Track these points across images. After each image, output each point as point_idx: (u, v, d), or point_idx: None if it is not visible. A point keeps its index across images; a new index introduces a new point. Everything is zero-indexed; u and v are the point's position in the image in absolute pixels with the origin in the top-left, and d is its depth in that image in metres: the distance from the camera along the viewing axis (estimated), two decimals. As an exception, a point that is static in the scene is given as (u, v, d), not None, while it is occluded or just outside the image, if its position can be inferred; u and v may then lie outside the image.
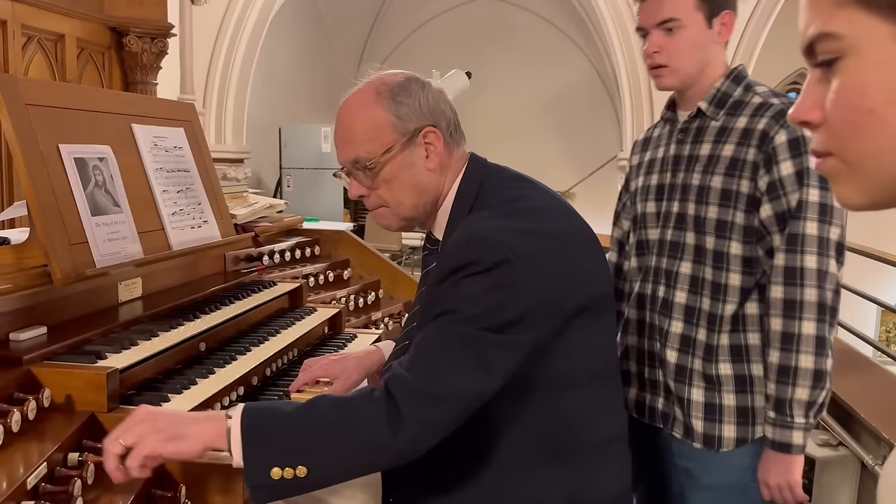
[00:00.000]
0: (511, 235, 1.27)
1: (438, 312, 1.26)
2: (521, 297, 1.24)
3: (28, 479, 1.14)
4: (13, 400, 1.30)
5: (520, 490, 1.33)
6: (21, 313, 1.51)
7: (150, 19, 3.76)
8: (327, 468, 1.18)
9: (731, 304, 1.59)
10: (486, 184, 1.40)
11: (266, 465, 1.14)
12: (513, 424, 1.33)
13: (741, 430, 1.62)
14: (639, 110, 7.29)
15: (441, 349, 1.23)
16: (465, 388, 1.21)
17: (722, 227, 1.59)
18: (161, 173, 1.88)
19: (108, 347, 1.49)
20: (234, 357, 1.72)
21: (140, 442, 1.14)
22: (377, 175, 1.37)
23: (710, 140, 1.63)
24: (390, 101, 1.36)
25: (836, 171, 0.65)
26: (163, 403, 1.42)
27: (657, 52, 1.63)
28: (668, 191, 1.69)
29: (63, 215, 1.53)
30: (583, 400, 1.36)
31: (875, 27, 0.60)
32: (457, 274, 1.26)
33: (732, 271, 1.59)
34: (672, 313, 1.66)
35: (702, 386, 1.62)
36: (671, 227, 1.68)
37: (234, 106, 7.91)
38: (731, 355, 1.61)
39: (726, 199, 1.58)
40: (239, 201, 2.52)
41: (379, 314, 2.75)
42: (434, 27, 10.77)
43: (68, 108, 1.66)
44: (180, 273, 2.03)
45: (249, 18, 7.71)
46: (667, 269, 1.68)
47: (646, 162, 1.79)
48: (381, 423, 1.17)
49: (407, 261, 8.80)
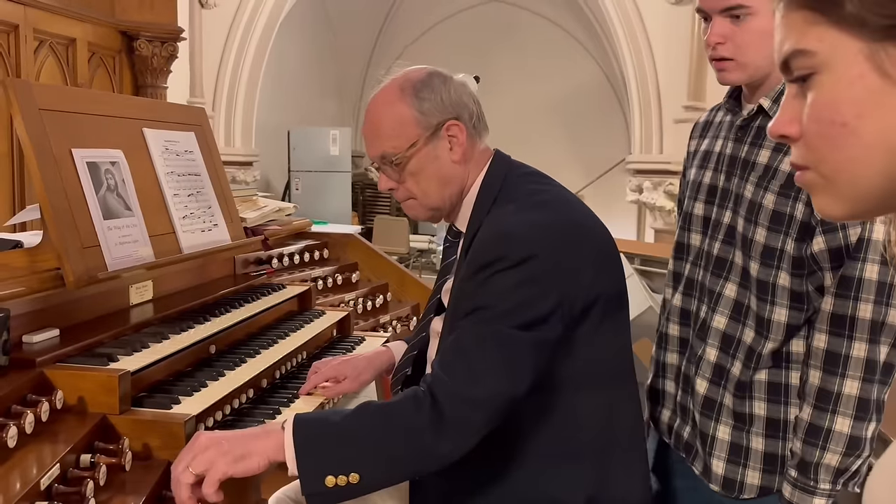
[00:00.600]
0: (537, 230, 1.32)
1: (470, 309, 1.30)
2: (549, 291, 1.28)
3: (41, 479, 1.15)
4: (27, 401, 1.32)
5: (540, 489, 1.36)
6: (34, 316, 1.52)
7: (161, 23, 3.79)
8: (379, 473, 1.22)
9: (772, 342, 1.38)
10: (510, 178, 1.44)
11: (320, 474, 1.17)
12: (534, 424, 1.36)
13: (767, 479, 1.41)
14: (647, 113, 7.27)
15: (477, 351, 1.26)
16: (502, 390, 1.25)
17: (769, 255, 1.36)
18: (172, 177, 1.90)
19: (120, 350, 1.51)
20: (244, 359, 1.73)
21: (212, 468, 1.16)
22: (404, 169, 1.43)
23: (770, 147, 1.40)
24: (413, 97, 1.41)
25: (813, 183, 0.66)
26: (173, 406, 1.43)
27: (721, 42, 1.40)
28: (721, 195, 1.48)
29: (76, 219, 1.55)
30: (602, 399, 1.39)
31: (845, 44, 0.62)
32: (486, 270, 1.30)
33: (778, 305, 1.36)
34: (708, 338, 1.46)
35: (730, 423, 1.43)
36: (719, 239, 1.46)
37: (244, 109, 7.94)
38: (767, 393, 1.40)
39: (778, 223, 1.35)
40: (248, 205, 2.54)
41: (387, 317, 2.76)
42: (442, 30, 10.79)
43: (81, 112, 1.68)
44: (191, 276, 2.05)
45: (259, 22, 7.75)
46: (710, 288, 1.47)
47: (701, 152, 1.57)
48: (426, 428, 1.21)
49: (415, 263, 8.82)
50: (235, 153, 7.71)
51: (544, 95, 10.28)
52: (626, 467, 1.42)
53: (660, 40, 7.10)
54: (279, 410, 1.63)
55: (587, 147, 10.06)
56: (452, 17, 10.78)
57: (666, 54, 7.09)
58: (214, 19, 7.49)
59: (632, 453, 1.44)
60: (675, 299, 1.56)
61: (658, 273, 4.85)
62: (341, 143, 9.17)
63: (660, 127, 7.22)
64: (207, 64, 7.52)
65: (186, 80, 7.12)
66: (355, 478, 1.18)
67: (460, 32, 10.49)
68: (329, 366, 1.70)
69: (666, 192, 7.17)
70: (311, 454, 1.19)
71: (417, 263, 8.83)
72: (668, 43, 7.06)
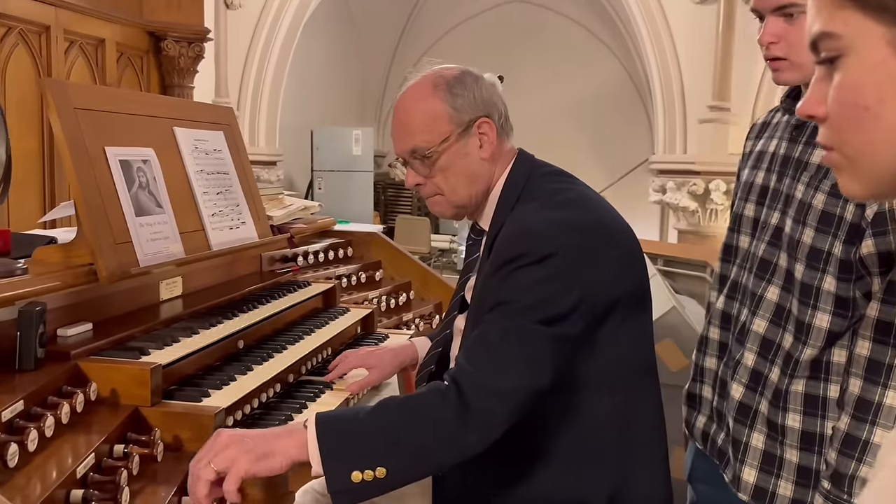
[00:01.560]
0: (559, 228, 1.33)
1: (493, 304, 1.32)
2: (571, 288, 1.29)
3: (77, 468, 1.18)
4: (62, 393, 1.35)
5: (563, 486, 1.37)
6: (68, 310, 1.56)
7: (188, 24, 3.85)
8: (406, 466, 1.21)
9: (812, 348, 1.32)
10: (533, 177, 1.46)
11: (346, 470, 1.17)
12: (557, 422, 1.37)
13: (800, 492, 1.35)
14: (671, 113, 7.24)
15: (501, 344, 1.28)
16: (525, 383, 1.26)
17: (815, 257, 1.31)
18: (201, 175, 1.93)
19: (151, 344, 1.54)
20: (271, 355, 1.76)
21: (234, 465, 1.15)
22: (434, 164, 1.44)
23: None
24: (447, 93, 1.43)
25: (837, 163, 0.68)
26: (203, 399, 1.46)
27: (774, 42, 1.36)
28: (771, 196, 1.44)
29: (109, 215, 1.58)
30: (625, 398, 1.40)
31: (870, 29, 0.63)
32: (509, 265, 1.31)
33: (821, 310, 1.31)
34: (746, 342, 1.41)
35: (764, 432, 1.38)
36: (765, 240, 1.42)
37: (268, 109, 8.02)
38: (803, 406, 1.34)
39: (826, 224, 1.30)
40: (275, 203, 2.57)
41: (410, 315, 2.78)
42: (465, 30, 10.80)
43: (113, 111, 1.72)
44: (219, 272, 2.08)
45: (283, 22, 7.82)
46: (752, 291, 1.42)
47: (756, 152, 1.53)
48: (453, 419, 1.22)
49: (436, 263, 8.83)
50: (259, 153, 7.79)
51: (567, 95, 10.26)
52: (648, 466, 1.43)
53: (684, 40, 7.06)
54: (305, 405, 1.65)
55: (610, 147, 10.02)
56: (475, 17, 10.79)
57: (690, 54, 7.05)
58: (239, 20, 7.58)
59: (654, 452, 1.45)
60: (719, 302, 1.53)
61: (681, 274, 4.82)
62: (364, 142, 9.22)
63: (684, 127, 7.18)
64: (232, 64, 7.60)
65: (212, 80, 7.21)
66: (382, 472, 1.17)
67: (483, 32, 10.49)
68: (356, 355, 1.75)
69: (689, 192, 7.13)
70: (336, 450, 1.18)
71: (439, 263, 8.85)
72: (693, 42, 7.01)
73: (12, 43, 2.98)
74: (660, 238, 7.88)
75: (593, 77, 10.14)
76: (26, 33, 3.05)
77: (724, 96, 6.98)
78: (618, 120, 10.04)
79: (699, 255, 4.93)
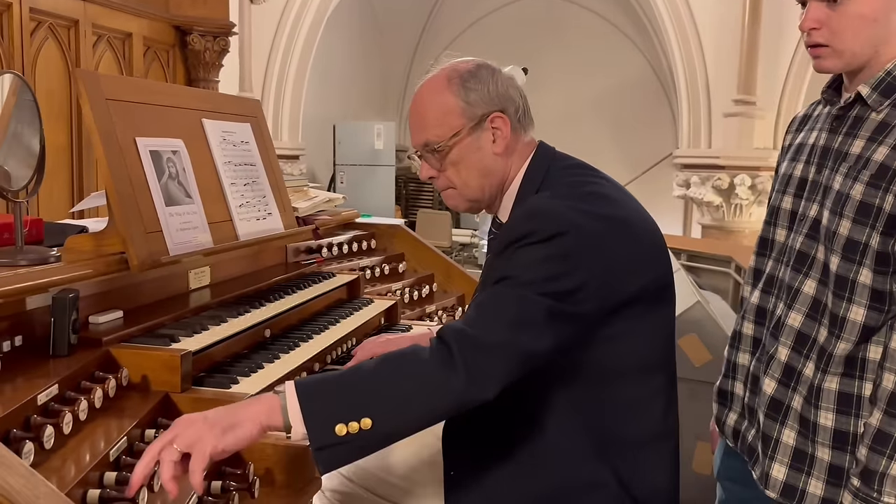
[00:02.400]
0: (569, 210, 1.32)
1: (497, 279, 1.30)
2: (577, 269, 1.27)
3: (110, 451, 1.20)
4: (94, 378, 1.38)
5: (574, 475, 1.37)
6: (99, 297, 1.59)
7: (213, 18, 3.88)
8: (391, 415, 1.18)
9: (846, 342, 1.29)
10: (552, 170, 1.45)
11: (330, 423, 1.13)
12: (568, 412, 1.36)
13: (831, 491, 1.33)
14: (696, 106, 7.18)
15: (497, 307, 1.26)
16: (516, 342, 1.23)
17: (852, 248, 1.28)
18: (229, 166, 1.96)
19: (181, 331, 1.56)
20: (298, 344, 1.77)
21: (198, 442, 1.09)
22: (445, 157, 1.43)
23: (865, 136, 1.31)
24: (460, 87, 1.42)
25: None
26: (232, 385, 1.48)
27: (815, 28, 1.32)
28: (810, 188, 1.40)
29: (139, 205, 1.61)
30: (641, 390, 1.40)
31: None
32: (515, 244, 1.31)
33: (856, 303, 1.28)
34: (781, 336, 1.39)
35: (795, 428, 1.36)
36: (803, 233, 1.39)
37: (291, 103, 8.07)
38: (836, 404, 1.31)
39: (864, 215, 1.27)
40: (300, 195, 2.59)
41: (433, 307, 2.79)
42: (487, 24, 10.78)
43: (144, 103, 1.74)
44: (245, 263, 2.11)
45: (306, 17, 7.86)
46: (788, 284, 1.40)
47: (795, 145, 1.50)
48: (435, 365, 1.20)
49: (457, 257, 8.84)
50: (282, 147, 7.84)
51: (590, 89, 10.21)
52: (660, 457, 1.43)
53: (709, 33, 7.00)
54: (331, 393, 1.67)
55: (633, 141, 9.96)
56: (497, 10, 10.76)
57: (716, 47, 6.98)
58: (263, 15, 7.62)
59: (665, 443, 1.44)
60: (754, 297, 1.50)
61: (705, 269, 4.79)
62: (385, 137, 9.24)
63: (708, 120, 7.12)
64: (256, 58, 7.65)
65: (236, 74, 7.26)
66: (367, 423, 1.14)
67: (505, 27, 10.46)
68: (375, 342, 1.77)
69: (714, 186, 7.07)
70: (318, 405, 1.15)
71: (459, 257, 8.85)
72: (718, 35, 6.95)
73: (42, 37, 3.03)
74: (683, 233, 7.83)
75: (616, 71, 10.08)
76: (56, 27, 3.09)
77: (749, 90, 6.91)
78: (641, 114, 9.98)
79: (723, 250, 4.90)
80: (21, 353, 1.36)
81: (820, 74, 1.40)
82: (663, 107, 9.76)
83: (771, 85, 6.85)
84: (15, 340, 1.36)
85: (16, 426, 1.14)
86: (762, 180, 6.94)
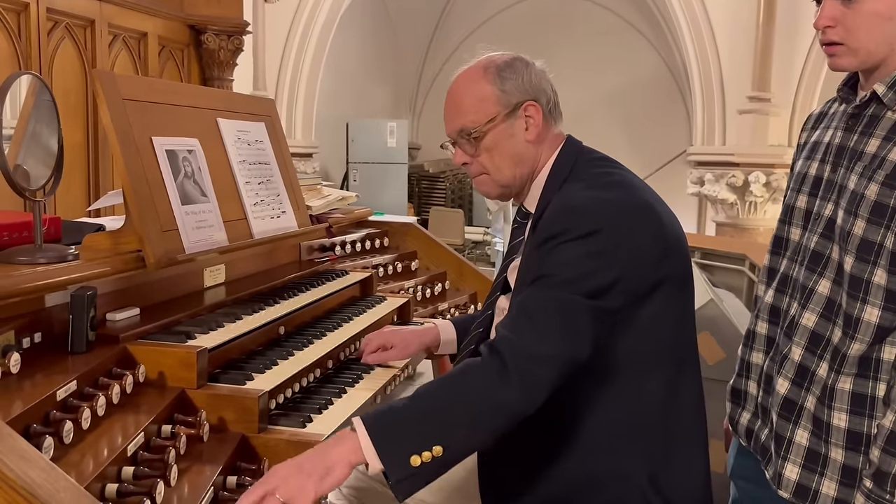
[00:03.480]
0: (603, 206, 1.38)
1: (535, 277, 1.36)
2: (612, 265, 1.33)
3: (128, 446, 1.22)
4: (112, 374, 1.40)
5: (603, 465, 1.40)
6: (117, 295, 1.61)
7: (227, 17, 3.90)
8: (460, 439, 1.23)
9: (860, 342, 1.28)
10: (580, 161, 1.51)
11: (405, 457, 1.19)
12: (600, 403, 1.40)
13: (844, 491, 1.31)
14: (710, 103, 7.14)
15: (540, 313, 1.31)
16: (563, 351, 1.29)
17: (867, 249, 1.27)
18: (244, 165, 1.97)
19: (197, 328, 1.58)
20: (311, 341, 1.79)
21: (300, 493, 1.15)
22: (480, 143, 1.50)
23: (881, 136, 1.30)
24: (496, 76, 1.49)
25: None
26: (247, 382, 1.50)
27: (830, 26, 1.31)
28: (825, 187, 1.39)
29: (156, 204, 1.63)
30: (665, 381, 1.43)
31: None
32: (552, 241, 1.36)
33: (871, 304, 1.27)
34: (794, 336, 1.38)
35: (808, 429, 1.34)
36: (818, 232, 1.37)
37: (304, 102, 8.10)
38: (850, 404, 1.30)
39: (879, 215, 1.26)
40: (313, 193, 2.61)
41: (445, 305, 2.80)
42: (500, 21, 10.77)
43: (160, 102, 1.76)
44: (260, 261, 2.13)
45: (319, 16, 7.88)
46: (803, 284, 1.38)
47: (811, 143, 1.48)
48: (494, 380, 1.25)
49: (469, 255, 8.85)
50: (296, 145, 7.87)
51: (603, 86, 10.17)
52: (687, 448, 1.45)
53: (724, 29, 6.96)
54: (344, 390, 1.68)
55: (647, 138, 9.92)
56: (510, 7, 10.75)
57: (730, 43, 6.94)
58: (277, 13, 7.65)
59: (692, 436, 1.47)
60: (768, 296, 1.49)
61: (719, 267, 4.76)
62: (398, 135, 9.26)
63: (723, 117, 7.08)
64: (270, 57, 7.69)
65: (250, 73, 7.30)
66: (438, 450, 1.20)
67: (517, 24, 10.45)
68: (380, 334, 1.82)
69: (728, 184, 7.03)
70: (390, 441, 1.20)
71: (472, 255, 8.85)
72: (733, 32, 6.91)
73: (59, 37, 3.06)
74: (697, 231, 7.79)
75: (630, 68, 10.04)
76: (72, 27, 3.12)
77: (764, 86, 6.87)
78: (655, 111, 9.94)
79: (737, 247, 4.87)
80: (40, 350, 1.38)
81: (835, 71, 1.39)
82: (677, 104, 9.72)
83: (786, 81, 6.80)
84: (35, 337, 1.39)
85: (36, 421, 1.16)
86: (777, 178, 6.90)
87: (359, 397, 1.67)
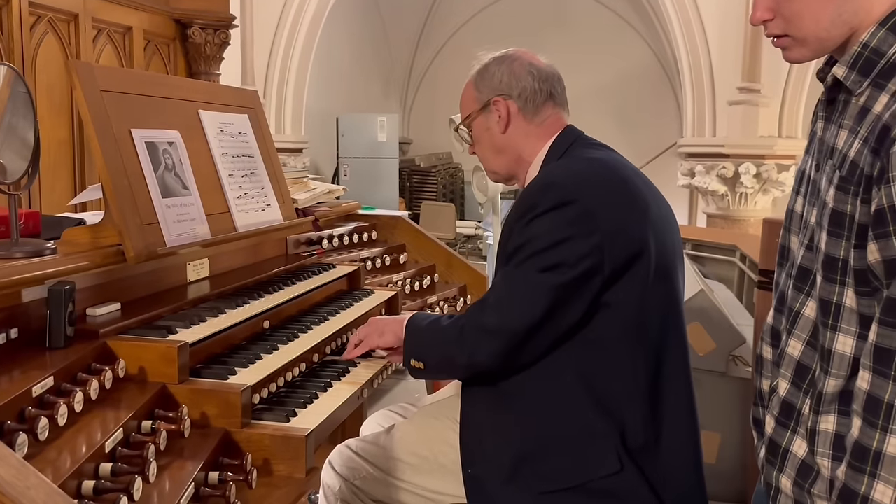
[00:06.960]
0: (575, 178, 1.46)
1: (510, 252, 1.47)
2: (584, 235, 1.39)
3: (106, 442, 1.20)
4: (91, 370, 1.37)
5: (579, 425, 1.45)
6: (97, 290, 1.58)
7: (213, 11, 3.86)
8: (432, 367, 1.58)
9: (835, 377, 1.07)
10: (574, 146, 1.59)
11: (409, 355, 1.58)
12: (572, 370, 1.44)
13: None
14: (700, 95, 7.13)
15: (500, 287, 1.47)
16: (515, 324, 1.42)
17: (831, 266, 1.06)
18: (227, 158, 1.95)
19: (179, 323, 1.56)
20: (297, 335, 1.77)
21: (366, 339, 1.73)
22: (470, 136, 1.69)
23: (848, 126, 1.08)
24: (476, 77, 1.66)
25: None
26: (230, 377, 1.48)
27: (768, 18, 1.14)
28: (811, 189, 1.17)
29: (135, 197, 1.60)
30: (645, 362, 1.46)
31: None
32: (527, 215, 1.44)
33: (843, 332, 1.06)
34: (781, 367, 1.18)
35: (791, 476, 1.14)
36: (804, 244, 1.15)
37: (293, 96, 8.04)
38: (833, 448, 1.08)
39: (837, 225, 1.05)
40: (300, 186, 2.58)
41: (434, 298, 2.78)
42: (490, 14, 10.74)
43: (139, 94, 1.73)
44: (244, 254, 2.10)
45: (308, 9, 7.82)
46: (789, 305, 1.17)
47: (810, 134, 1.24)
48: (452, 343, 1.51)
49: (461, 249, 8.83)
50: (286, 140, 7.82)
51: (594, 78, 10.15)
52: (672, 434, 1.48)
53: (713, 20, 6.95)
54: (330, 384, 1.66)
55: (637, 130, 9.92)
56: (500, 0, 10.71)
57: (720, 34, 6.93)
58: (265, 7, 7.59)
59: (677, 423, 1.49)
60: (769, 316, 1.29)
61: (710, 258, 4.77)
62: (389, 129, 9.22)
63: (713, 109, 7.07)
64: (258, 51, 7.63)
65: (238, 67, 7.25)
66: (421, 364, 1.56)
67: (508, 16, 10.42)
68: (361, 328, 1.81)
69: (719, 175, 7.03)
70: (408, 341, 1.59)
71: (464, 249, 8.84)
72: (722, 23, 6.90)
73: (42, 31, 3.01)
74: (688, 222, 7.80)
75: (620, 60, 10.03)
76: (55, 21, 3.08)
77: (753, 77, 6.86)
78: (645, 103, 9.94)
79: (728, 239, 4.87)
80: (17, 346, 1.36)
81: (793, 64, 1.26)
82: (667, 96, 9.71)
83: (775, 72, 6.79)
84: (11, 333, 1.36)
85: (10, 418, 1.14)
86: (767, 168, 6.90)
87: (344, 391, 1.65)
